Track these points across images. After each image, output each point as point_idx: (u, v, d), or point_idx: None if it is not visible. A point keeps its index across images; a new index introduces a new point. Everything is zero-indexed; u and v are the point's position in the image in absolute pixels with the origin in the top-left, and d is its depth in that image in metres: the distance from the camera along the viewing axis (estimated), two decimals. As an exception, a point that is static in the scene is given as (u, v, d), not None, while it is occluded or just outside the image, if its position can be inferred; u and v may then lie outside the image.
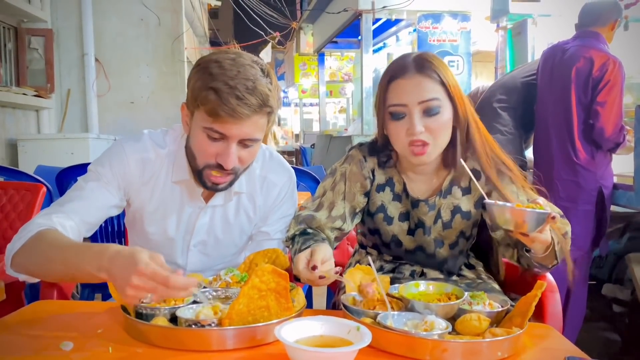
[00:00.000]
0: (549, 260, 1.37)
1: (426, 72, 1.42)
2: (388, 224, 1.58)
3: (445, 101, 1.43)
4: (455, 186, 1.55)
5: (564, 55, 2.98)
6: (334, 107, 16.81)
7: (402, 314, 1.13)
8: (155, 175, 1.50)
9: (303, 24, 11.54)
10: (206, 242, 1.57)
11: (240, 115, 1.28)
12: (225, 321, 1.01)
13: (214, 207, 1.54)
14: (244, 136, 1.34)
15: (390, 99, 1.45)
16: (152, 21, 6.44)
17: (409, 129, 1.41)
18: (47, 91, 5.91)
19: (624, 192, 2.88)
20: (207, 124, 1.32)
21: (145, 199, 1.51)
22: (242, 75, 1.29)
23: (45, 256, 1.22)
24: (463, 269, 1.62)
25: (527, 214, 1.15)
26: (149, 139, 1.51)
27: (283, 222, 1.60)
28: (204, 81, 1.31)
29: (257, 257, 1.40)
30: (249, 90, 1.29)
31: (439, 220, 1.55)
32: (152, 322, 1.06)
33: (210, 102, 1.29)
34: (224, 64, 1.31)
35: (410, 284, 1.26)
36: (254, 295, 1.03)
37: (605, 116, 2.79)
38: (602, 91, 2.80)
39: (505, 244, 1.51)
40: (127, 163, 1.47)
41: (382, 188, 1.58)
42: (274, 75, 1.39)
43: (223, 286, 1.26)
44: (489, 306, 1.19)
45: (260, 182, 1.58)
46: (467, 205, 1.55)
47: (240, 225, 1.58)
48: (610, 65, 2.79)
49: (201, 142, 1.36)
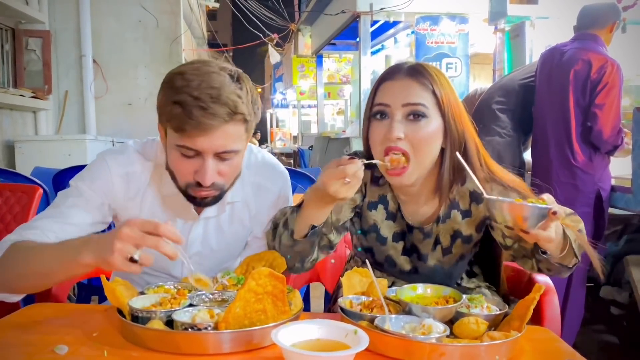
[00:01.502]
0: (569, 259, 1.28)
1: (417, 76, 1.34)
2: (382, 244, 1.50)
3: (434, 111, 1.33)
4: (454, 210, 1.44)
5: (562, 58, 2.98)
6: (332, 109, 16.78)
7: (399, 317, 1.12)
8: (142, 189, 1.44)
9: (301, 26, 11.52)
10: (201, 253, 1.52)
11: (207, 127, 1.21)
12: (221, 325, 1.01)
13: (207, 219, 1.49)
14: (218, 149, 1.26)
15: (376, 98, 1.38)
16: (150, 23, 6.43)
17: (387, 132, 1.32)
18: (45, 92, 5.89)
19: (622, 194, 2.89)
20: (177, 141, 1.26)
21: (133, 214, 1.44)
22: (206, 84, 1.21)
23: (23, 263, 1.19)
24: (464, 277, 1.56)
25: (526, 209, 1.10)
26: (134, 151, 1.45)
27: None
28: (168, 96, 1.25)
29: (253, 259, 1.39)
30: (214, 99, 1.21)
31: (437, 246, 1.47)
32: (147, 325, 1.05)
33: (176, 117, 1.22)
34: (187, 75, 1.23)
35: (407, 287, 1.25)
36: (250, 298, 1.02)
37: (604, 118, 2.79)
38: (601, 93, 2.80)
39: (521, 256, 1.40)
40: (110, 179, 1.41)
41: (374, 206, 1.49)
42: (247, 80, 1.31)
43: (220, 289, 1.25)
44: (487, 309, 1.18)
45: (254, 189, 1.53)
46: (468, 230, 1.45)
47: (235, 234, 1.54)
48: (609, 67, 2.80)
49: (176, 161, 1.30)
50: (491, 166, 1.40)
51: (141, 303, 1.12)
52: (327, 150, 8.13)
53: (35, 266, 1.19)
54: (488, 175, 1.38)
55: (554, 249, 1.23)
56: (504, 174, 1.40)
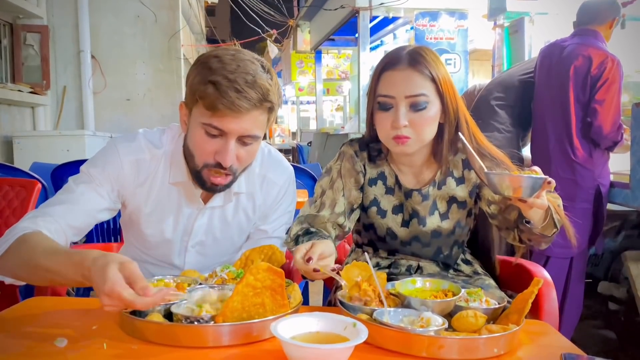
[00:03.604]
0: (549, 228, 1.39)
1: (418, 66, 1.43)
2: (382, 217, 1.58)
3: (434, 97, 1.44)
4: (449, 177, 1.56)
5: (562, 53, 2.97)
6: (331, 105, 16.79)
7: (398, 310, 1.12)
8: (151, 177, 1.47)
9: (300, 22, 11.50)
10: (204, 243, 1.55)
11: (239, 108, 1.27)
12: (219, 318, 1.01)
13: (212, 208, 1.52)
14: (242, 132, 1.31)
15: (379, 89, 1.47)
16: (148, 18, 6.43)
17: (393, 122, 1.43)
18: (43, 88, 5.89)
19: (620, 190, 2.88)
20: (205, 119, 1.30)
21: (141, 201, 1.48)
22: (242, 70, 1.28)
23: (29, 261, 1.19)
24: (460, 263, 1.62)
25: (524, 180, 1.19)
26: (144, 138, 1.48)
27: (282, 220, 1.60)
28: (203, 75, 1.29)
29: (252, 253, 1.39)
30: (249, 84, 1.27)
31: (435, 211, 1.56)
32: (146, 318, 1.05)
33: (209, 95, 1.27)
34: (224, 58, 1.29)
35: (406, 280, 1.26)
36: (248, 292, 1.02)
37: (604, 114, 2.78)
38: (601, 89, 2.79)
39: (505, 228, 1.52)
40: (120, 165, 1.43)
41: (374, 182, 1.59)
42: (274, 73, 1.37)
43: (219, 283, 1.25)
44: (486, 303, 1.18)
45: (259, 180, 1.56)
46: (462, 195, 1.56)
47: (238, 225, 1.57)
48: (609, 63, 2.79)
49: (199, 139, 1.34)
50: (480, 139, 1.53)
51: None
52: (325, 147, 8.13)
53: (39, 271, 1.19)
54: (477, 148, 1.48)
55: (537, 218, 1.35)
56: (490, 147, 1.53)
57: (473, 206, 1.60)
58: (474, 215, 1.62)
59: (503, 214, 1.51)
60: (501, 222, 1.53)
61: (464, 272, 1.61)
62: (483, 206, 1.57)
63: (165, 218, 1.50)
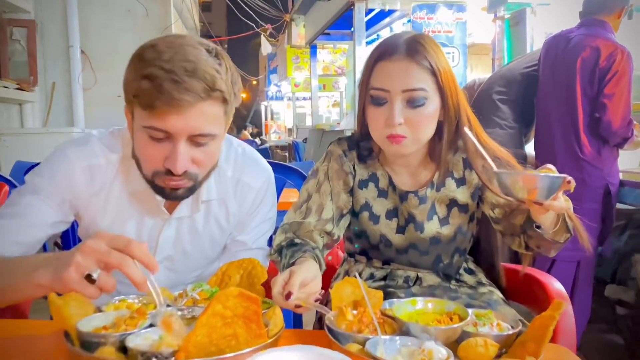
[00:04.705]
0: (560, 234, 1.26)
1: (416, 57, 1.29)
2: (374, 223, 1.44)
3: (433, 93, 1.31)
4: (448, 178, 1.43)
5: (568, 45, 2.83)
6: (328, 101, 16.63)
7: (395, 339, 0.96)
8: (107, 185, 1.29)
9: (294, 15, 11.35)
10: (173, 258, 1.38)
11: (180, 103, 1.07)
12: (180, 355, 0.83)
13: (179, 219, 1.35)
14: (191, 131, 1.12)
15: (373, 81, 1.32)
16: (139, 12, 6.27)
17: (388, 119, 1.29)
18: (30, 84, 5.73)
19: (631, 189, 2.76)
20: (145, 121, 1.12)
21: (97, 212, 1.30)
22: (181, 57, 1.09)
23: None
24: (462, 273, 1.47)
25: (541, 180, 1.05)
26: (98, 141, 1.30)
27: (262, 228, 1.43)
28: (136, 70, 1.11)
29: (230, 268, 1.22)
30: (189, 73, 1.08)
31: (434, 216, 1.42)
32: (96, 353, 0.88)
33: (144, 92, 1.08)
34: (159, 47, 1.10)
35: (405, 301, 1.09)
36: (216, 323, 0.85)
37: (613, 109, 2.65)
38: (610, 82, 2.65)
39: (509, 234, 1.40)
40: (71, 172, 1.26)
41: (364, 184, 1.45)
42: (226, 57, 1.18)
43: (189, 304, 1.09)
44: (497, 327, 1.02)
45: (233, 185, 1.38)
46: (463, 197, 1.43)
47: (210, 235, 1.39)
48: (618, 55, 2.65)
49: (144, 145, 1.15)
50: (482, 136, 1.38)
51: (93, 324, 0.95)
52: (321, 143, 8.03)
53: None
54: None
55: (549, 223, 1.22)
56: (493, 144, 1.38)
57: (475, 210, 1.46)
58: (476, 220, 1.48)
59: (508, 218, 1.38)
60: (506, 228, 1.41)
61: (467, 283, 1.46)
62: (486, 210, 1.44)
63: (126, 231, 1.32)
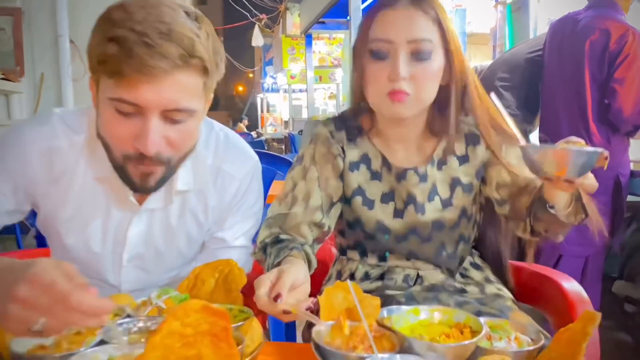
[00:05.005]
0: (574, 214, 1.13)
1: (422, 5, 1.17)
2: (369, 208, 1.30)
3: (439, 47, 1.19)
4: (450, 155, 1.30)
5: (576, 27, 2.67)
6: (324, 93, 16.47)
7: (394, 357, 0.80)
8: (69, 171, 1.14)
9: (289, 4, 11.17)
10: (144, 256, 1.22)
11: (152, 70, 0.93)
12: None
13: (150, 211, 1.19)
14: (165, 105, 0.98)
15: (374, 32, 1.18)
16: (130, 0, 6.09)
17: (391, 73, 1.15)
18: (17, 75, 5.55)
19: (643, 180, 2.61)
20: (112, 92, 0.97)
21: (57, 202, 1.15)
22: (155, 18, 0.94)
23: None
24: (468, 268, 1.33)
25: (575, 154, 0.92)
26: (59, 121, 1.15)
27: (245, 225, 1.27)
28: (102, 32, 0.96)
29: (204, 270, 1.07)
30: (164, 36, 0.93)
31: (435, 197, 1.29)
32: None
33: (111, 57, 0.93)
34: (130, 7, 0.95)
35: (407, 310, 0.93)
36: (173, 344, 0.69)
37: (624, 95, 2.49)
38: (621, 67, 2.49)
39: (513, 219, 1.28)
40: (27, 156, 1.11)
41: (356, 166, 1.31)
42: (208, 23, 1.03)
43: (153, 313, 0.93)
44: (516, 342, 0.87)
45: (213, 174, 1.22)
46: (466, 177, 1.31)
47: (186, 231, 1.24)
48: (630, 37, 2.48)
49: (110, 122, 1.00)
50: (490, 107, 1.27)
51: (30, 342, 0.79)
52: (316, 135, 7.89)
53: None
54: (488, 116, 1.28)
55: (564, 202, 1.10)
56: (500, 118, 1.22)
57: (479, 192, 1.34)
58: (479, 204, 1.36)
59: (514, 199, 1.26)
60: (511, 211, 1.28)
61: (473, 279, 1.32)
62: (490, 192, 1.32)
63: (90, 224, 1.17)
